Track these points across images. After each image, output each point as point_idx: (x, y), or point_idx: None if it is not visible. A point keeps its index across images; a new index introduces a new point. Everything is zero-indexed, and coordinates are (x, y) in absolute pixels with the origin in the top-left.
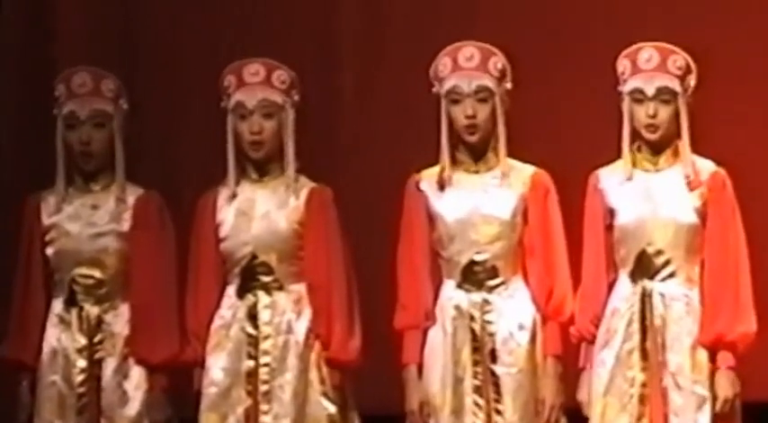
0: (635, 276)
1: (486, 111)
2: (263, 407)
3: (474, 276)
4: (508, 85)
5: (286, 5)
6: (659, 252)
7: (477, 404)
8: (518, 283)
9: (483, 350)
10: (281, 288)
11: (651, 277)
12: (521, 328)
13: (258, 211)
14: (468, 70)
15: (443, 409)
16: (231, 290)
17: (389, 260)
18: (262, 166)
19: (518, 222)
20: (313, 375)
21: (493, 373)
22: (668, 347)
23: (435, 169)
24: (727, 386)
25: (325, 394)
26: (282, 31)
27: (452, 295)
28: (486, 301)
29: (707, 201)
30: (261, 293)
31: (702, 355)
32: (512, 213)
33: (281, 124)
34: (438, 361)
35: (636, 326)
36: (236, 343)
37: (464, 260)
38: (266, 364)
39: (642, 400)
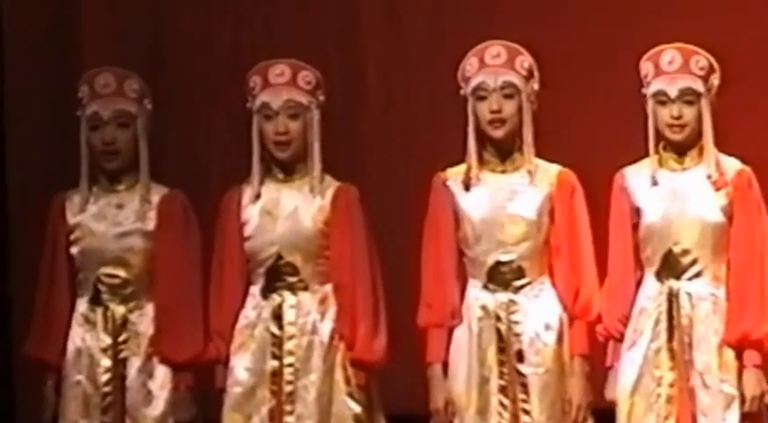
0: (661, 276)
1: (512, 107)
2: (287, 407)
3: (500, 277)
4: (535, 86)
5: (310, 6)
6: (686, 251)
7: (502, 404)
8: (544, 283)
9: (509, 350)
10: (306, 288)
11: (678, 277)
12: (547, 328)
13: (283, 211)
14: (494, 67)
15: (468, 409)
16: (255, 289)
17: (415, 259)
18: (287, 166)
19: (544, 222)
20: (338, 375)
21: (520, 373)
22: (695, 347)
23: (461, 167)
24: (754, 384)
25: (350, 394)
26: (307, 31)
27: (478, 295)
28: (512, 302)
29: (733, 199)
30: (286, 293)
31: (730, 353)
32: (538, 213)
33: (306, 125)
34: (463, 361)
35: (663, 325)
36: (260, 343)
37: (490, 260)
38: (290, 365)
39: (670, 399)
